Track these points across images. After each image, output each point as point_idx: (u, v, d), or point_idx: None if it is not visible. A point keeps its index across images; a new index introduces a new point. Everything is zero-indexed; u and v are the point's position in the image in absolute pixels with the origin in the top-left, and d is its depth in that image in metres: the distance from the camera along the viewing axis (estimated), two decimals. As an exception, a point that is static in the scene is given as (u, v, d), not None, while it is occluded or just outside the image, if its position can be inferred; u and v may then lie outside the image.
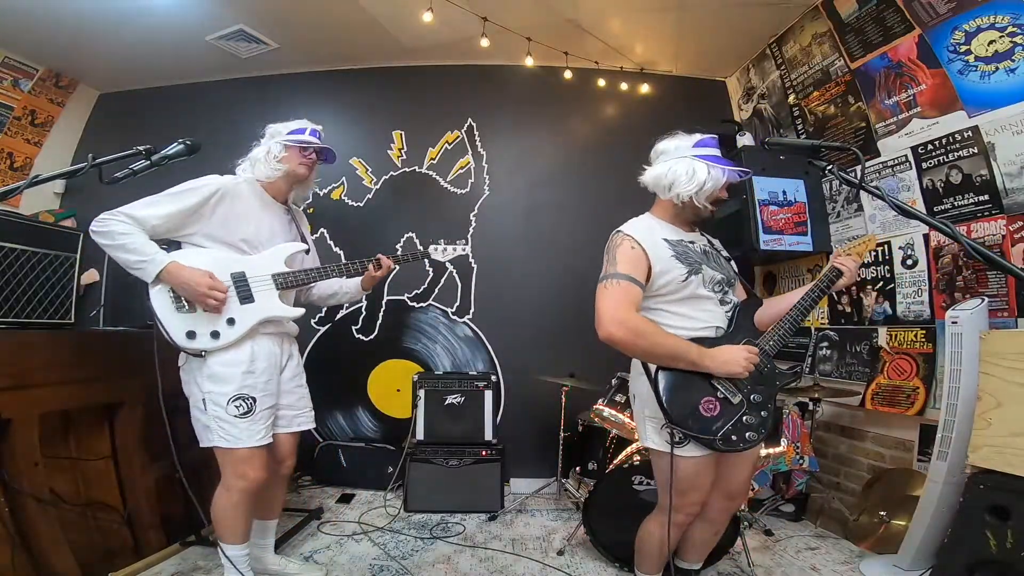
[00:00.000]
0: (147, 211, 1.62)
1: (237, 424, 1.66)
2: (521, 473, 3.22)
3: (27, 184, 1.16)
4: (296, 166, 1.88)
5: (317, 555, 2.25)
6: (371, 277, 2.07)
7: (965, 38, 2.11)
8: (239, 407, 1.66)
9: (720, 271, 1.57)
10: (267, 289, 1.78)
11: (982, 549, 1.50)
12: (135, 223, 1.60)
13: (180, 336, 1.65)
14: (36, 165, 3.42)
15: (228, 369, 1.68)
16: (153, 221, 1.63)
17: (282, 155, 1.86)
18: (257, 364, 1.73)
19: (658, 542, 1.61)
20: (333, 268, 1.95)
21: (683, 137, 1.57)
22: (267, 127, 1.94)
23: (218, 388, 1.66)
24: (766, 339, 1.52)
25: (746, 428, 1.44)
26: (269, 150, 1.86)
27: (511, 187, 3.53)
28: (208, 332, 1.67)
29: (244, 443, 1.66)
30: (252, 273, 1.77)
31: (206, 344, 1.67)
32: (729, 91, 3.68)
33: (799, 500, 2.72)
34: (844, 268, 1.56)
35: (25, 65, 3.28)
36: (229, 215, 1.75)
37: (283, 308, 1.82)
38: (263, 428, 1.71)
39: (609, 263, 1.49)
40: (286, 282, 1.82)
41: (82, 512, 1.87)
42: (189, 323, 1.66)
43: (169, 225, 1.67)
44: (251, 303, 1.75)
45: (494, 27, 2.97)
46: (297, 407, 1.92)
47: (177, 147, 1.43)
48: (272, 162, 1.85)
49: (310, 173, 1.96)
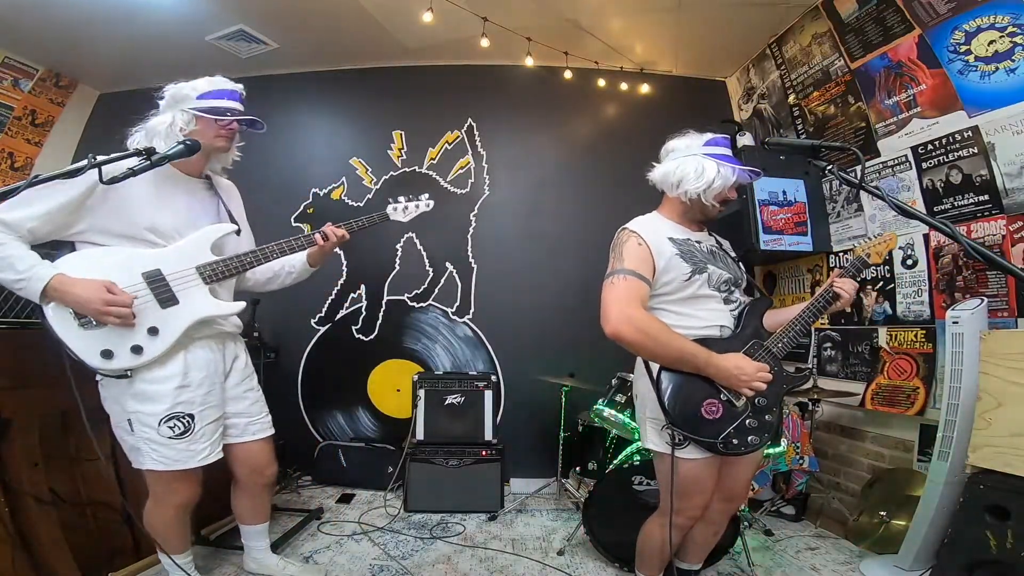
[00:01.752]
0: (20, 212, 1.32)
1: (173, 446, 1.47)
2: (521, 473, 3.22)
3: (27, 184, 1.16)
4: (212, 139, 1.57)
5: (317, 555, 2.24)
6: (320, 249, 1.78)
7: (965, 38, 2.11)
8: (174, 427, 1.46)
9: (727, 270, 1.56)
10: (192, 285, 1.51)
11: (982, 549, 1.50)
12: (7, 230, 1.32)
13: (94, 357, 1.38)
14: (36, 165, 3.42)
15: (156, 386, 1.46)
16: (28, 224, 1.34)
17: (190, 128, 1.54)
18: (192, 375, 1.51)
19: (659, 544, 1.60)
20: (273, 248, 1.65)
21: (694, 136, 1.56)
22: (167, 88, 1.58)
23: (146, 408, 1.45)
24: (775, 340, 1.49)
25: (749, 432, 1.43)
26: (173, 121, 1.53)
27: (511, 187, 3.53)
28: (127, 348, 1.40)
29: (183, 465, 1.48)
30: (170, 268, 1.48)
31: (128, 362, 1.41)
32: (729, 91, 3.68)
33: (799, 500, 2.72)
34: (842, 292, 1.52)
35: (25, 65, 3.28)
36: (124, 202, 1.43)
37: (216, 305, 1.55)
38: (206, 446, 1.53)
39: (616, 260, 1.47)
40: (215, 273, 1.54)
41: (82, 512, 1.87)
42: (100, 341, 1.38)
43: (50, 226, 1.38)
44: (174, 305, 1.47)
45: (494, 27, 2.97)
46: (249, 413, 1.71)
47: (177, 147, 1.40)
48: (174, 136, 1.51)
49: (229, 145, 1.65)
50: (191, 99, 1.56)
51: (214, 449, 1.57)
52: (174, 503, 1.56)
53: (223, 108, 1.57)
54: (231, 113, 1.58)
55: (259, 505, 1.83)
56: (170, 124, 1.53)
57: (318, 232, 1.73)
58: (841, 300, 1.52)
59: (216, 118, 1.55)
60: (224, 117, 1.56)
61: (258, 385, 1.79)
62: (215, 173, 1.75)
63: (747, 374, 1.39)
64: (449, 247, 3.46)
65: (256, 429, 1.73)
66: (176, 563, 1.62)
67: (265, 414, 1.78)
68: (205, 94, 1.56)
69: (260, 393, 1.79)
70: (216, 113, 1.55)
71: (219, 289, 1.61)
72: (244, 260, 1.60)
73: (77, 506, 1.85)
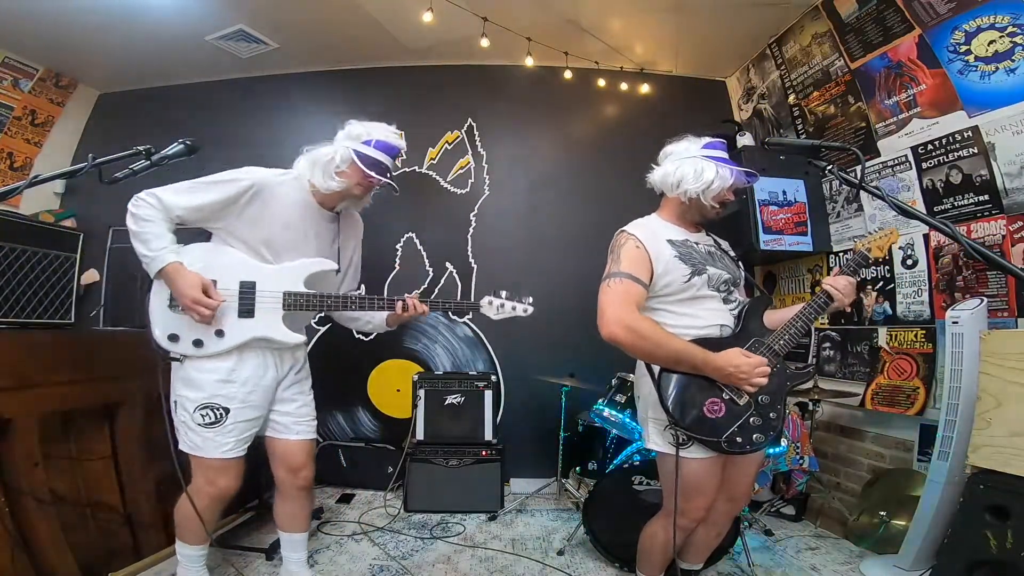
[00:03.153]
0: (175, 198, 1.52)
1: (200, 432, 1.57)
2: (521, 473, 3.22)
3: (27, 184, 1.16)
4: (352, 185, 1.67)
5: (317, 555, 2.24)
6: (396, 316, 1.82)
7: (965, 38, 2.11)
8: (205, 416, 1.56)
9: (726, 271, 1.56)
10: (272, 307, 1.62)
11: (982, 549, 1.49)
12: (162, 208, 1.51)
13: (162, 336, 1.55)
14: (36, 165, 3.42)
15: (202, 375, 1.58)
16: (178, 211, 1.53)
17: (344, 167, 1.65)
18: (239, 373, 1.61)
19: (661, 545, 1.60)
20: (354, 300, 1.77)
21: (692, 140, 1.59)
22: (349, 123, 1.72)
23: (188, 393, 1.57)
24: (776, 338, 1.48)
25: (753, 430, 1.42)
26: (335, 156, 1.64)
27: (511, 187, 3.53)
28: (191, 339, 1.56)
29: (205, 453, 1.57)
30: (263, 286, 1.62)
31: (186, 350, 1.57)
32: (729, 91, 3.68)
33: (799, 500, 2.72)
34: (832, 291, 1.49)
35: (25, 65, 3.28)
36: (259, 215, 1.61)
37: (282, 332, 1.64)
38: (231, 441, 1.60)
39: (613, 262, 1.49)
40: (296, 304, 1.65)
41: (82, 512, 1.87)
42: (176, 326, 1.56)
43: (195, 216, 1.57)
44: (249, 319, 1.60)
45: (494, 27, 2.97)
46: (297, 415, 1.78)
47: (177, 147, 1.42)
48: (331, 171, 1.64)
49: (365, 195, 1.77)
50: (359, 140, 1.67)
51: (239, 446, 1.63)
52: (209, 493, 1.61)
53: (379, 164, 1.67)
54: (382, 171, 1.67)
55: (298, 511, 1.83)
56: (330, 158, 1.64)
57: (400, 300, 1.76)
58: (835, 300, 1.48)
59: (365, 169, 1.63)
60: (372, 174, 1.64)
61: (310, 391, 1.86)
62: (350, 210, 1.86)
63: (745, 371, 1.39)
64: (449, 247, 3.46)
65: (300, 429, 1.78)
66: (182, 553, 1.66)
67: (311, 418, 1.83)
68: (370, 141, 1.67)
69: (310, 398, 1.85)
70: (367, 164, 1.64)
71: (297, 316, 1.70)
72: (325, 301, 1.70)
73: (77, 506, 1.85)
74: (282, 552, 1.87)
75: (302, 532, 1.86)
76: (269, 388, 1.69)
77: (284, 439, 1.76)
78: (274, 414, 1.74)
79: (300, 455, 1.78)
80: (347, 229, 1.86)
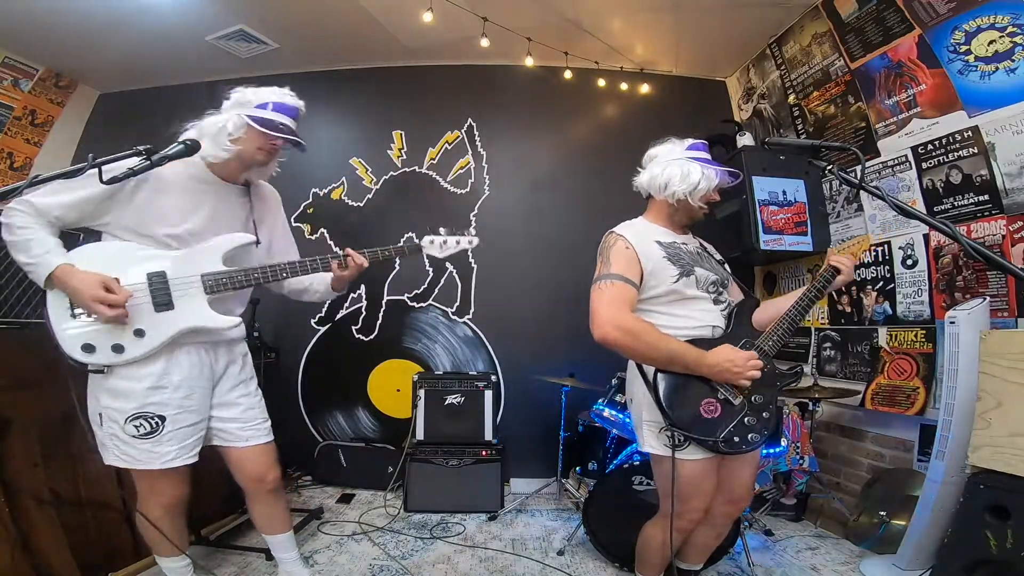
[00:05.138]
0: (48, 200, 1.37)
1: (136, 445, 1.44)
2: (521, 473, 3.22)
3: (27, 184, 1.16)
4: (253, 150, 1.53)
5: (317, 555, 2.25)
6: (338, 277, 1.71)
7: (965, 38, 2.11)
8: (139, 427, 1.44)
9: (713, 272, 1.58)
10: (193, 293, 1.48)
11: (982, 549, 1.50)
12: (36, 214, 1.36)
13: (75, 349, 1.39)
14: (36, 165, 3.42)
15: (129, 383, 1.44)
16: (55, 211, 1.38)
17: (239, 134, 1.50)
18: (171, 378, 1.48)
19: (659, 547, 1.60)
20: (284, 267, 1.59)
21: (676, 142, 1.62)
22: (234, 90, 1.56)
23: (115, 404, 1.44)
24: (765, 339, 1.51)
25: (748, 429, 1.43)
26: (225, 124, 1.50)
27: (511, 187, 3.53)
28: (109, 345, 1.41)
29: (146, 465, 1.46)
30: (175, 273, 1.46)
31: (107, 359, 1.41)
32: (729, 91, 3.68)
33: (799, 500, 2.72)
34: (841, 266, 1.56)
35: (25, 65, 3.28)
36: (151, 202, 1.45)
37: (211, 317, 1.50)
38: (174, 449, 1.48)
39: (603, 264, 1.50)
40: (218, 284, 1.50)
41: (82, 512, 1.87)
42: (87, 335, 1.40)
43: (76, 215, 1.41)
44: (168, 310, 1.46)
45: (494, 27, 2.97)
46: (243, 420, 1.64)
47: (177, 147, 1.40)
48: (222, 139, 1.49)
49: (270, 160, 1.61)
50: (250, 105, 1.52)
51: (183, 453, 1.51)
52: (159, 503, 1.53)
53: (275, 123, 1.52)
54: (282, 129, 1.53)
55: (274, 512, 1.75)
56: (222, 126, 1.50)
57: (336, 258, 1.65)
58: (843, 274, 1.55)
59: (264, 131, 1.51)
60: (272, 132, 1.51)
61: (256, 390, 1.73)
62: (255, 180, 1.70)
63: (739, 363, 1.40)
64: (449, 247, 3.46)
65: (249, 435, 1.65)
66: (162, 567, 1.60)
67: (260, 420, 1.70)
68: (264, 104, 1.53)
69: (257, 399, 1.72)
70: (267, 126, 1.51)
71: (228, 299, 1.58)
72: (251, 275, 1.56)
73: (77, 506, 1.85)
74: (274, 555, 1.84)
75: (285, 532, 1.78)
76: (206, 390, 1.58)
77: (235, 447, 1.64)
78: (216, 421, 1.61)
79: (259, 462, 1.66)
80: (261, 201, 1.72)
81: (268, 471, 1.68)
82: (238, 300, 1.66)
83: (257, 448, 1.66)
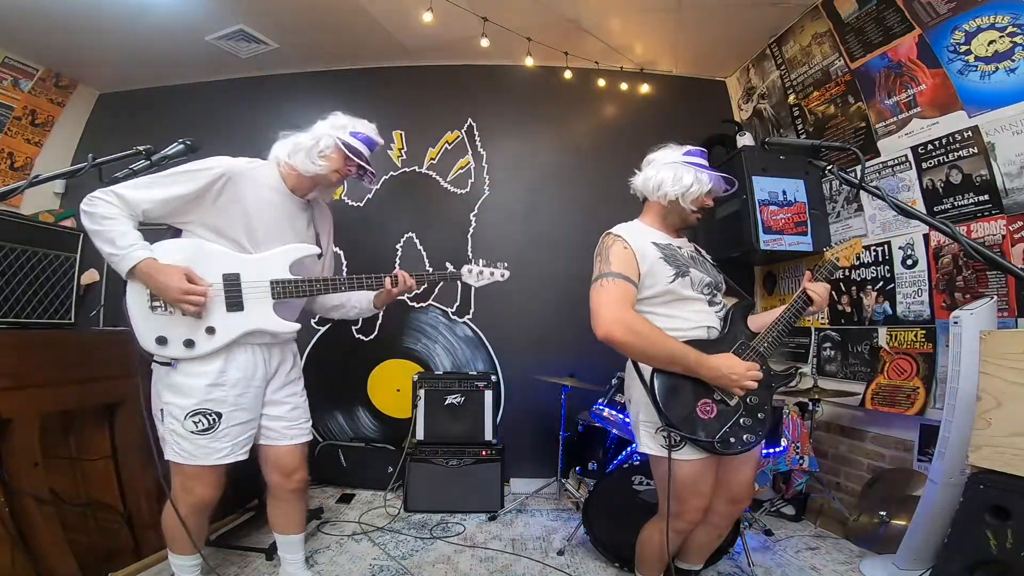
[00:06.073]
0: (139, 193, 1.44)
1: (194, 440, 1.51)
2: (521, 473, 3.22)
3: (27, 184, 1.16)
4: (331, 172, 1.67)
5: (317, 555, 2.24)
6: (387, 293, 1.82)
7: (965, 38, 2.11)
8: (198, 423, 1.50)
9: (708, 274, 1.59)
10: (261, 297, 1.57)
11: (982, 549, 1.49)
12: (123, 206, 1.43)
13: (149, 341, 1.48)
14: (36, 165, 3.42)
15: (191, 380, 1.51)
16: (144, 205, 1.45)
17: (329, 153, 1.65)
18: (228, 375, 1.55)
19: (658, 547, 1.60)
20: (343, 281, 1.71)
21: (674, 147, 1.65)
22: (333, 114, 1.73)
23: (177, 400, 1.51)
24: (760, 340, 1.52)
25: (744, 430, 1.44)
26: (319, 141, 1.64)
27: (511, 187, 3.53)
28: (181, 340, 1.49)
29: (199, 461, 1.51)
30: (248, 276, 1.56)
31: (178, 352, 1.49)
32: (729, 91, 3.68)
33: (799, 500, 2.72)
34: (814, 295, 1.53)
35: (25, 65, 3.28)
36: (235, 203, 1.56)
37: (276, 322, 1.59)
38: (228, 446, 1.55)
39: (602, 263, 1.50)
40: (286, 291, 1.60)
41: (82, 512, 1.87)
42: (162, 327, 1.48)
43: (163, 211, 1.49)
44: (239, 311, 1.54)
45: (494, 27, 2.97)
46: (289, 418, 1.72)
47: (177, 147, 1.42)
48: (314, 155, 1.63)
49: (337, 183, 1.75)
50: (345, 130, 1.68)
51: (236, 451, 1.58)
52: (188, 502, 1.56)
53: (359, 151, 1.69)
54: (362, 158, 1.70)
55: (291, 513, 1.80)
56: (315, 143, 1.63)
57: (389, 276, 1.77)
58: (814, 303, 1.53)
59: (349, 157, 1.67)
60: (354, 160, 1.68)
61: (303, 390, 1.81)
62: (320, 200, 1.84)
63: (738, 373, 1.41)
64: (449, 247, 3.46)
65: (294, 434, 1.73)
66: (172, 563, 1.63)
67: (304, 420, 1.78)
68: (357, 133, 1.69)
69: (303, 399, 1.80)
70: (354, 153, 1.67)
71: (287, 304, 1.67)
72: (315, 285, 1.67)
73: (77, 506, 1.86)
74: (279, 553, 1.86)
75: (298, 533, 1.83)
76: (259, 388, 1.64)
77: (276, 446, 1.71)
78: (266, 419, 1.68)
79: (293, 459, 1.74)
80: (319, 216, 1.83)
81: (297, 469, 1.75)
82: (292, 307, 1.73)
83: (296, 447, 1.74)
